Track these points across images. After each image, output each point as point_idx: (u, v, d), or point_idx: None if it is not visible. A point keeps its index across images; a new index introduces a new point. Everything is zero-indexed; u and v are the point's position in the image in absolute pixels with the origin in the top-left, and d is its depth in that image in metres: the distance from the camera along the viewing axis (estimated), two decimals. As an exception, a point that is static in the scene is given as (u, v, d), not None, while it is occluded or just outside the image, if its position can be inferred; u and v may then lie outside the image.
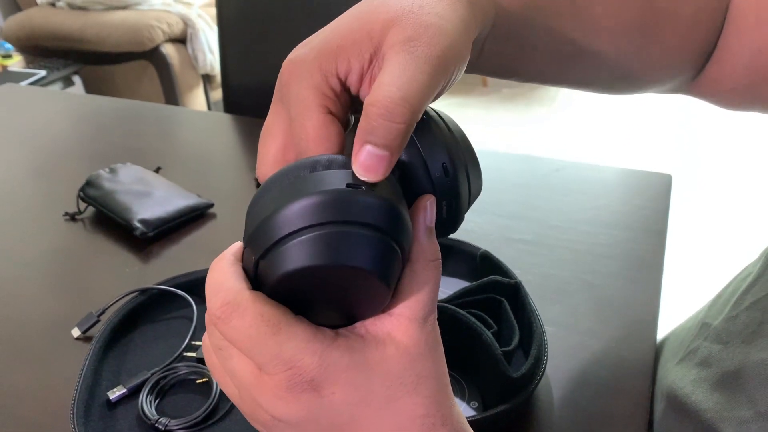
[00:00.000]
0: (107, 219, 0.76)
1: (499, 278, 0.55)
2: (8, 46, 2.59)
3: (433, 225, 0.30)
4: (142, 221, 0.73)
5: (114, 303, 0.59)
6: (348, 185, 0.26)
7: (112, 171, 0.81)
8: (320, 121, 0.29)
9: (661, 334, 0.60)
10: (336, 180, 0.26)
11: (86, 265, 0.70)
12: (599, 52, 0.42)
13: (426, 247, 0.30)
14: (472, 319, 0.49)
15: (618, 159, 2.60)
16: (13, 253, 0.72)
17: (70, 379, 0.51)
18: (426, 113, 0.32)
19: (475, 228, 0.73)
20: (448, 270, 0.63)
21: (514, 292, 0.54)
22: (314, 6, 1.12)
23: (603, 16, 0.41)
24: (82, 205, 0.78)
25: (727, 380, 0.43)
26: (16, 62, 2.58)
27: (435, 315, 0.30)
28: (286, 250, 0.26)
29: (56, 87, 2.32)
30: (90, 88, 2.49)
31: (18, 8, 2.65)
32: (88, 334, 0.58)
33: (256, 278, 0.27)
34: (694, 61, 0.45)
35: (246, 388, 0.28)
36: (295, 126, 0.30)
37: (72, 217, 0.78)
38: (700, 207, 2.22)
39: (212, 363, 0.31)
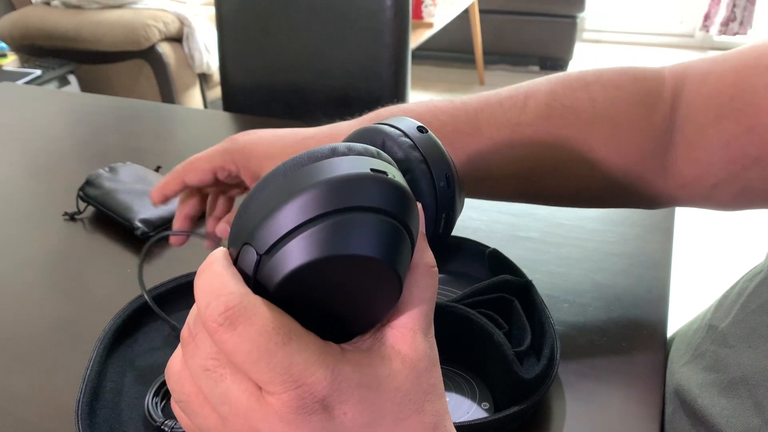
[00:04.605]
0: (107, 219, 0.75)
1: (510, 277, 0.54)
2: (2, 45, 2.57)
3: (424, 232, 0.29)
4: (144, 221, 0.71)
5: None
6: (372, 170, 0.24)
7: (112, 170, 0.80)
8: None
9: (669, 333, 0.60)
10: (353, 165, 0.24)
11: (87, 266, 0.69)
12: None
13: (426, 253, 0.28)
14: (484, 319, 0.49)
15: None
16: (12, 254, 0.71)
17: (72, 381, 0.50)
18: (424, 128, 0.33)
19: (481, 226, 0.72)
20: (455, 269, 0.62)
21: (525, 292, 0.54)
22: (314, 2, 1.11)
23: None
24: (82, 205, 0.77)
25: (734, 386, 0.42)
26: (10, 62, 2.56)
27: (433, 327, 0.28)
28: (301, 240, 0.23)
29: (51, 86, 2.30)
30: (86, 87, 2.47)
31: (12, 7, 2.63)
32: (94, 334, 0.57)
33: (255, 281, 0.24)
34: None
35: (242, 414, 0.24)
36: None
37: (71, 217, 0.77)
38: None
39: (186, 392, 0.26)
